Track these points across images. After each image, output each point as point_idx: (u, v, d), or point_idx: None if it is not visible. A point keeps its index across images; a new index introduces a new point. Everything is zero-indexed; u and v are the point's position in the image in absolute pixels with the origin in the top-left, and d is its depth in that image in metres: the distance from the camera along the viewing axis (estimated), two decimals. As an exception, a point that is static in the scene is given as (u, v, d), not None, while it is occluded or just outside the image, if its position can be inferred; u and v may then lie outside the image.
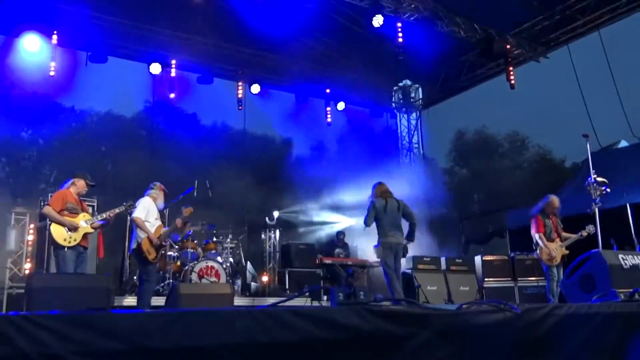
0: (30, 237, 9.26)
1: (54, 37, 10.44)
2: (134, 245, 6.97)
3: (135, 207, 7.04)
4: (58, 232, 6.42)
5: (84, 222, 6.62)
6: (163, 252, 7.89)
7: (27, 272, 8.91)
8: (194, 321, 2.65)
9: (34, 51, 10.34)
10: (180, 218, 7.18)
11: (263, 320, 2.76)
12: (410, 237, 7.74)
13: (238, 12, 9.99)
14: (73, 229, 6.49)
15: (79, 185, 6.80)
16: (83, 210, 6.79)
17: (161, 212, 7.40)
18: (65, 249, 6.42)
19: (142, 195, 7.28)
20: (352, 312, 3.01)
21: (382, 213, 7.61)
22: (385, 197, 7.74)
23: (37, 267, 8.84)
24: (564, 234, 7.78)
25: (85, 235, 6.63)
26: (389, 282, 7.52)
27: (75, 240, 6.49)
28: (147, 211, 7.05)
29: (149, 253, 6.86)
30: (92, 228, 6.74)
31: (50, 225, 6.47)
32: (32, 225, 9.29)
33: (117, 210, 6.94)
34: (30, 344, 2.31)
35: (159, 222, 7.15)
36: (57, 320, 2.41)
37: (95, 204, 9.20)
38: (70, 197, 6.67)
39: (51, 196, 6.80)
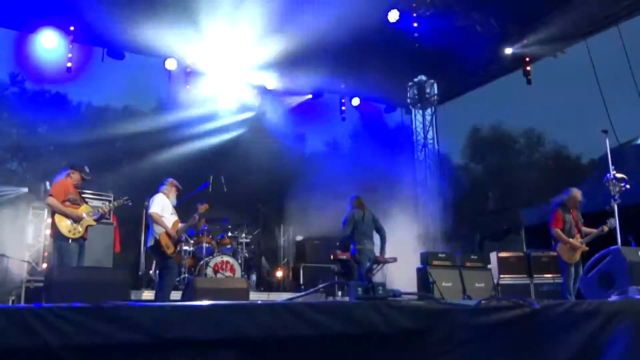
0: (48, 231, 9.34)
1: (71, 33, 10.52)
2: (151, 242, 7.04)
3: (151, 204, 7.12)
4: (62, 224, 6.43)
5: (85, 214, 6.66)
6: (179, 246, 7.95)
7: (45, 265, 9.01)
8: (213, 314, 2.67)
9: (51, 47, 10.42)
10: (196, 214, 7.27)
11: (283, 315, 2.76)
12: (383, 250, 8.63)
13: (254, 7, 9.98)
14: (77, 220, 6.51)
15: (74, 177, 6.78)
16: (83, 201, 6.83)
17: (176, 207, 7.46)
18: (70, 240, 6.43)
19: (156, 191, 7.37)
20: (370, 307, 3.01)
21: (360, 223, 8.40)
22: (363, 209, 8.53)
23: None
24: (585, 229, 7.57)
25: (86, 227, 6.66)
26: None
27: (79, 232, 6.52)
28: (162, 206, 7.11)
29: (167, 247, 6.93)
30: (94, 219, 6.76)
31: (53, 216, 6.48)
32: (49, 220, 9.37)
33: (115, 204, 7.29)
34: (54, 335, 2.34)
35: (175, 217, 7.21)
36: (80, 312, 2.44)
37: (111, 198, 9.27)
38: (70, 188, 6.68)
39: (52, 186, 6.77)
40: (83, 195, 7.55)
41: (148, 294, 8.36)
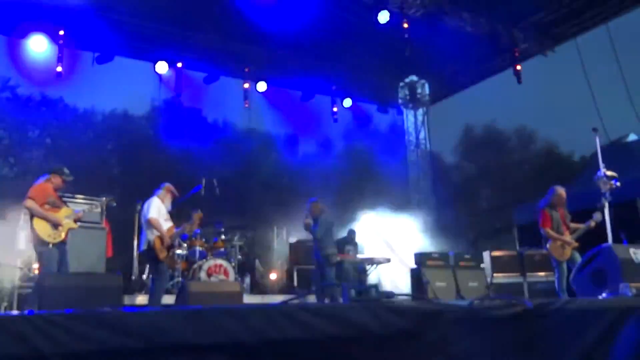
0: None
1: (61, 38, 10.49)
2: (144, 246, 7.02)
3: (148, 208, 7.09)
4: (42, 228, 6.16)
5: (66, 217, 6.41)
6: (172, 252, 7.91)
7: (36, 271, 8.93)
8: (208, 319, 2.66)
9: (41, 52, 10.38)
10: (189, 223, 7.24)
11: (276, 318, 2.76)
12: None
13: (244, 10, 9.98)
14: (57, 225, 6.25)
15: (55, 181, 6.51)
16: (63, 204, 6.59)
17: (170, 212, 7.42)
18: (50, 245, 6.17)
19: (152, 195, 7.32)
20: (364, 309, 3.01)
21: (330, 227, 8.54)
22: (326, 214, 8.60)
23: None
24: (572, 225, 7.67)
25: (67, 231, 6.41)
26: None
27: (60, 236, 6.27)
28: (158, 211, 7.08)
29: (160, 252, 6.91)
30: (75, 222, 6.54)
31: (32, 220, 6.18)
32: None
33: (97, 204, 7.24)
34: (47, 343, 2.33)
35: (169, 223, 7.17)
36: (73, 319, 2.42)
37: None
38: (50, 191, 6.40)
39: (30, 189, 6.40)
40: (75, 201, 7.51)
41: (142, 299, 8.33)
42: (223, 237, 9.97)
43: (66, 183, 6.67)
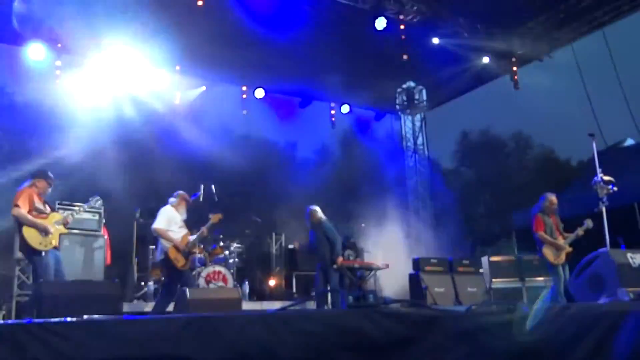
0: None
1: (58, 45, 10.50)
2: (161, 256, 6.99)
3: (156, 217, 7.08)
4: (32, 236, 5.95)
5: (56, 222, 6.21)
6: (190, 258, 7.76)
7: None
8: (206, 326, 2.67)
9: (39, 60, 10.38)
10: (206, 226, 7.21)
11: (274, 325, 2.77)
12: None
13: (241, 17, 10.01)
14: (47, 232, 6.03)
15: (40, 186, 6.28)
16: (51, 210, 6.40)
17: (185, 221, 7.36)
18: (43, 253, 5.97)
19: (165, 203, 7.31)
20: (362, 315, 3.03)
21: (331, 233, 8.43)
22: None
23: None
24: (565, 234, 7.73)
25: (58, 237, 6.21)
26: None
27: (51, 243, 6.07)
28: (168, 220, 7.07)
29: (177, 261, 6.89)
30: (65, 227, 6.35)
31: (21, 228, 5.97)
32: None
33: (86, 207, 6.99)
34: (45, 351, 2.33)
35: (184, 231, 7.16)
36: (71, 327, 2.43)
37: (101, 211, 9.22)
38: (35, 197, 6.18)
39: (15, 196, 6.13)
40: (73, 208, 7.48)
41: (148, 307, 8.28)
42: (222, 243, 9.97)
43: (51, 186, 6.44)
